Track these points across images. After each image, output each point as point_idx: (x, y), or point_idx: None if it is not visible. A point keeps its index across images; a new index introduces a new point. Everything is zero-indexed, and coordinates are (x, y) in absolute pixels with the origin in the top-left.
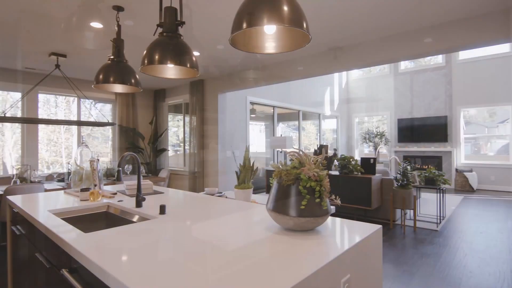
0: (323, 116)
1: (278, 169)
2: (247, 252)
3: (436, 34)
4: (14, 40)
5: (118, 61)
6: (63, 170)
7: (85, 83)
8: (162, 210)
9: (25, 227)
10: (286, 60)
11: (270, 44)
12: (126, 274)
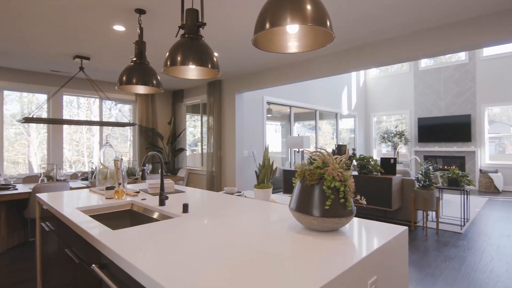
0: (341, 115)
1: (301, 169)
2: (271, 251)
3: (459, 30)
4: (41, 44)
5: (140, 63)
6: (85, 169)
7: (107, 85)
8: (185, 209)
9: (54, 223)
10: (303, 60)
11: (292, 44)
12: (155, 269)
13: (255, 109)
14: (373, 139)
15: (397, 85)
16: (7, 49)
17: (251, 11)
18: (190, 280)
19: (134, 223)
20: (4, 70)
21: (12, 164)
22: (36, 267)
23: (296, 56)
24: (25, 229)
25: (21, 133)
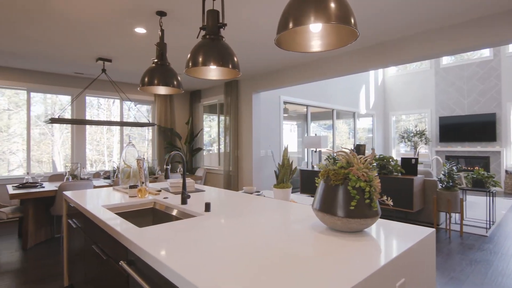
0: (358, 114)
1: (325, 169)
2: (295, 252)
3: (482, 26)
4: (66, 47)
5: (161, 64)
6: (105, 167)
7: (126, 86)
8: (207, 208)
9: (80, 220)
10: (321, 58)
11: (315, 43)
12: (183, 266)
13: (272, 109)
14: (392, 139)
15: (416, 83)
16: (34, 52)
17: (269, 11)
18: (217, 278)
19: (156, 221)
20: (31, 72)
21: (37, 163)
22: (62, 262)
23: (314, 55)
24: (51, 225)
25: (45, 133)
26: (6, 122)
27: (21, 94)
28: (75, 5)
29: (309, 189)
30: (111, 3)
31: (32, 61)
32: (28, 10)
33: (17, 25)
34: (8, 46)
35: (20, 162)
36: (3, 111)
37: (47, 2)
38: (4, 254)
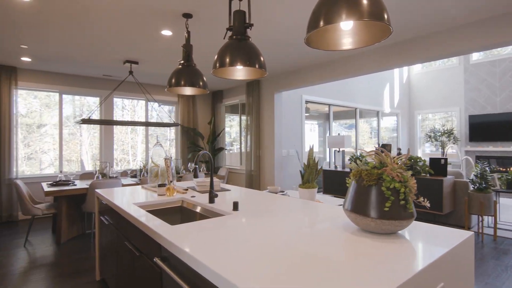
0: (382, 113)
1: (357, 169)
2: (327, 253)
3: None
4: (95, 51)
5: (187, 65)
6: (129, 166)
7: (151, 87)
8: (235, 207)
9: (112, 217)
10: (345, 57)
11: (346, 40)
12: (217, 263)
13: (294, 108)
14: (418, 138)
15: (444, 81)
16: (66, 56)
17: (292, 10)
18: (247, 275)
19: (184, 219)
20: (63, 75)
21: (66, 161)
22: (92, 257)
23: (337, 54)
24: (82, 222)
25: (74, 133)
26: (38, 123)
27: (52, 96)
28: (105, 11)
29: (332, 189)
30: (139, 8)
31: (64, 64)
32: (61, 17)
33: (51, 31)
34: (43, 51)
35: (51, 161)
36: (35, 112)
37: (78, 9)
38: (40, 248)
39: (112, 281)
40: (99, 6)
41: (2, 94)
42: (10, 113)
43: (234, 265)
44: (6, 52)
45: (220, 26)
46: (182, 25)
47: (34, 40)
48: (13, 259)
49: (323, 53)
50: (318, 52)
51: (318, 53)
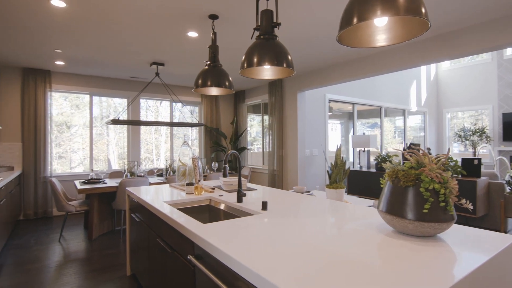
0: (409, 112)
1: (392, 169)
2: (365, 257)
3: None
4: (123, 54)
5: (214, 66)
6: (153, 166)
7: (175, 88)
8: (264, 207)
9: (144, 215)
10: (371, 54)
11: (380, 37)
12: (252, 262)
13: (317, 107)
14: (447, 138)
15: (475, 77)
16: (96, 59)
17: (318, 7)
18: (282, 273)
19: (212, 218)
20: (93, 78)
21: (94, 160)
22: (122, 253)
23: (365, 51)
24: (112, 218)
25: (101, 133)
26: (68, 124)
27: (81, 98)
28: (133, 14)
29: (357, 189)
30: (166, 10)
31: (94, 67)
32: (92, 21)
33: (83, 35)
34: (75, 55)
35: (80, 160)
36: (65, 114)
37: (109, 13)
38: (73, 244)
39: (143, 276)
40: (128, 11)
41: (38, 97)
42: (45, 115)
43: (271, 265)
44: (42, 56)
45: (246, 26)
46: (208, 27)
47: (67, 44)
48: (49, 253)
49: (349, 50)
50: (344, 49)
51: (344, 50)
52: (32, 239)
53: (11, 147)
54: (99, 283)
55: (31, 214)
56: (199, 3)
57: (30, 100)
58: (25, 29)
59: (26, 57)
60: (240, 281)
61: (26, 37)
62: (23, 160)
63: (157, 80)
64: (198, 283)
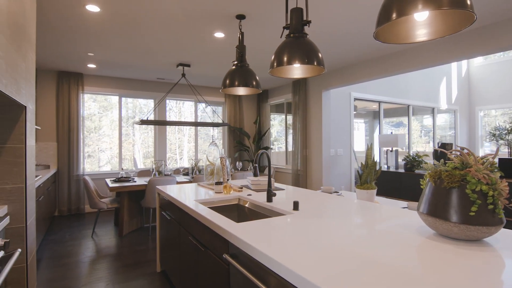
0: (438, 110)
1: (434, 170)
2: (408, 261)
3: None
4: (151, 56)
5: (241, 66)
6: (177, 165)
7: (200, 88)
8: (295, 207)
9: (174, 213)
10: (399, 51)
11: (420, 32)
12: (291, 261)
13: (341, 106)
14: (480, 137)
15: (509, 73)
16: (126, 61)
17: (345, 4)
18: (318, 273)
19: (241, 217)
20: (122, 80)
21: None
22: (151, 250)
23: (394, 47)
24: (141, 216)
25: (128, 133)
26: (97, 124)
27: (109, 99)
28: (162, 17)
29: (384, 190)
30: (194, 12)
31: (123, 69)
32: (123, 25)
33: (114, 39)
34: (106, 58)
35: (107, 159)
36: (94, 115)
37: (139, 17)
38: (105, 240)
39: (173, 273)
40: (157, 14)
41: (71, 99)
42: (78, 116)
43: (311, 266)
44: (75, 60)
45: (273, 25)
46: (234, 27)
47: (99, 47)
48: (83, 248)
49: (379, 46)
50: (372, 46)
51: (373, 47)
52: (66, 235)
53: (46, 147)
54: (131, 279)
55: (65, 211)
56: (227, 4)
57: (64, 102)
58: (61, 34)
59: (61, 61)
60: (278, 280)
61: (62, 41)
62: (58, 159)
63: (182, 81)
64: (232, 282)
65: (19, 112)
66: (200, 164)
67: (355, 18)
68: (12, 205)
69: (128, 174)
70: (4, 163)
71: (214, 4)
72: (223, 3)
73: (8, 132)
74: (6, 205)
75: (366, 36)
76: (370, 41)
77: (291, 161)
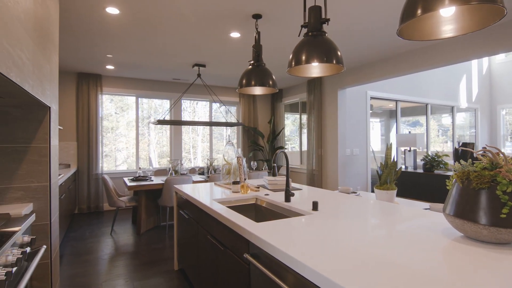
0: (458, 108)
1: (462, 170)
2: (438, 264)
3: None
4: (167, 57)
5: (257, 65)
6: (191, 164)
7: (215, 88)
8: (315, 207)
9: (192, 212)
10: (418, 49)
11: (446, 28)
12: (313, 262)
13: (357, 105)
14: (502, 136)
15: None
16: (143, 62)
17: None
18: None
19: (259, 217)
20: (139, 81)
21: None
22: (168, 248)
23: (411, 45)
24: (158, 214)
25: (143, 133)
26: (113, 124)
27: (125, 100)
28: (179, 18)
29: (402, 191)
30: (211, 13)
31: (140, 70)
32: (140, 27)
33: (132, 40)
34: (124, 59)
35: (123, 159)
36: (110, 115)
37: (156, 18)
38: (123, 237)
39: (191, 272)
40: (174, 15)
41: (91, 100)
42: (97, 116)
43: (337, 268)
44: (95, 61)
45: (290, 24)
46: (250, 26)
47: (117, 49)
48: (102, 246)
49: (395, 44)
50: (390, 43)
51: (390, 44)
52: (86, 232)
53: (67, 146)
54: (149, 276)
55: (85, 209)
56: (243, 4)
57: (83, 103)
58: (82, 36)
59: (81, 62)
60: (300, 281)
61: (83, 43)
62: (78, 158)
63: (197, 81)
64: (253, 281)
65: (43, 113)
66: (215, 163)
67: (372, 15)
68: (37, 203)
69: (146, 173)
70: (29, 162)
71: (231, 4)
72: (239, 3)
73: (33, 132)
74: (31, 203)
75: (383, 34)
76: (387, 38)
77: (306, 161)
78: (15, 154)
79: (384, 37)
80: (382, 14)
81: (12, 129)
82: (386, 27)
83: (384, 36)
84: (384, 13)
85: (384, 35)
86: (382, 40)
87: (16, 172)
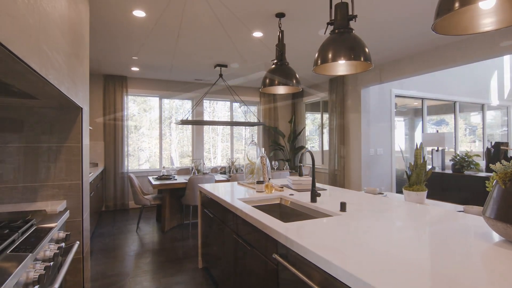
0: (488, 106)
1: (505, 171)
2: (481, 271)
3: None
4: (190, 58)
5: (281, 64)
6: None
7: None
8: (343, 208)
9: (217, 211)
10: (446, 44)
11: (486, 21)
12: (345, 263)
13: (381, 104)
14: None
15: None
16: (166, 64)
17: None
18: (380, 278)
19: (284, 217)
20: (162, 82)
21: (158, 158)
22: (191, 246)
23: (439, 40)
24: (181, 213)
25: (164, 133)
26: (138, 124)
27: (148, 101)
28: (202, 19)
29: (429, 193)
30: (235, 13)
31: (164, 72)
32: (165, 29)
33: (156, 42)
34: (149, 61)
35: (146, 158)
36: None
37: (180, 21)
38: (148, 235)
39: (216, 270)
40: (198, 17)
41: (117, 101)
42: (122, 116)
43: (372, 271)
44: (121, 63)
45: (313, 22)
46: (273, 26)
47: (143, 51)
48: (129, 242)
49: (421, 41)
50: (416, 40)
51: (416, 41)
52: (113, 229)
53: (95, 146)
54: (174, 273)
55: (111, 206)
56: (266, 3)
57: (110, 104)
58: (110, 39)
59: (107, 64)
60: (331, 283)
61: (110, 46)
62: (105, 157)
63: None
64: (281, 281)
65: (76, 114)
66: (236, 163)
67: (399, 11)
68: (70, 200)
69: (169, 172)
70: (63, 161)
71: (254, 4)
72: (263, 2)
73: (67, 132)
74: (65, 200)
75: (409, 29)
76: (414, 33)
77: (328, 161)
78: (50, 153)
79: (409, 33)
80: (407, 11)
81: (47, 129)
82: (411, 23)
83: (409, 32)
84: (410, 10)
85: (409, 31)
86: (410, 34)
87: (51, 170)
